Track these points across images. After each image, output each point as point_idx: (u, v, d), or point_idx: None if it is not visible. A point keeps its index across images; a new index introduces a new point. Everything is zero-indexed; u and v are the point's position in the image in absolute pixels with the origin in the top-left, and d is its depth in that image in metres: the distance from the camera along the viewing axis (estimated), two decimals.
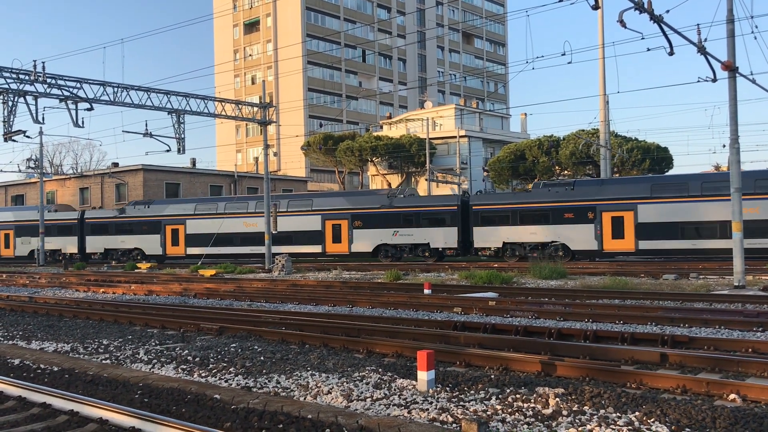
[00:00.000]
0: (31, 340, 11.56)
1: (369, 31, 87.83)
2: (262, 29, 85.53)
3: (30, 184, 61.15)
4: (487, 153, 60.66)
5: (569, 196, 32.53)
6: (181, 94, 30.04)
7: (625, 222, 31.05)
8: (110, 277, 29.11)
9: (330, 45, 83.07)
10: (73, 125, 26.83)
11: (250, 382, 7.74)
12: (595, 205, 31.81)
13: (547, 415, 6.01)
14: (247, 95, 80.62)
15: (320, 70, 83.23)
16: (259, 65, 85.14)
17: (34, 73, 25.35)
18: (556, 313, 12.87)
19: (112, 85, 27.60)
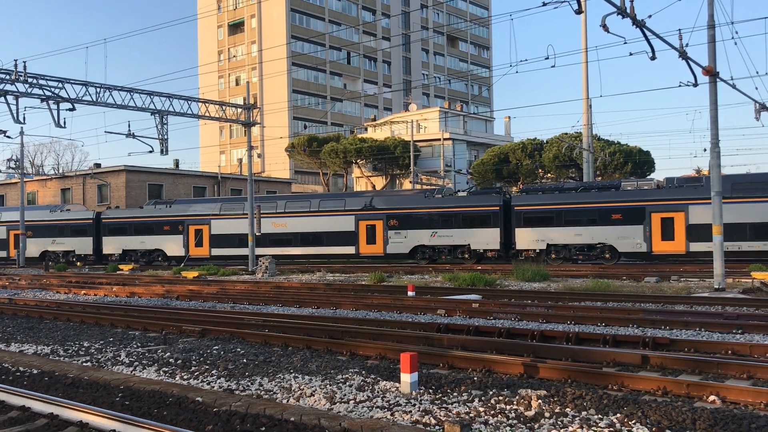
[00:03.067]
0: (11, 342, 11.43)
1: (354, 33, 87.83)
2: (246, 30, 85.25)
3: (10, 184, 60.46)
4: (471, 156, 60.87)
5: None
6: (165, 95, 29.86)
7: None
8: (91, 278, 28.84)
9: (314, 47, 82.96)
10: (54, 125, 26.59)
11: (232, 385, 7.70)
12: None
13: (530, 417, 6.03)
14: (231, 96, 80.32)
15: (305, 71, 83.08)
16: (243, 66, 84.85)
17: (15, 72, 25.08)
18: (539, 315, 12.93)
19: (94, 86, 27.38)
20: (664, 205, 30.92)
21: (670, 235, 30.64)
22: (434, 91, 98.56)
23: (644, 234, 31.06)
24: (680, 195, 30.75)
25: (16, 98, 25.67)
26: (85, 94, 27.07)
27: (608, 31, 15.67)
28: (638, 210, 31.31)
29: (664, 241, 30.81)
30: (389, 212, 36.30)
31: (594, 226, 32.09)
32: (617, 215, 31.60)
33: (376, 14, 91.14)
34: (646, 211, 31.14)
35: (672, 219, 30.66)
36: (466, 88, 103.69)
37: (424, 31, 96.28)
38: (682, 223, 30.32)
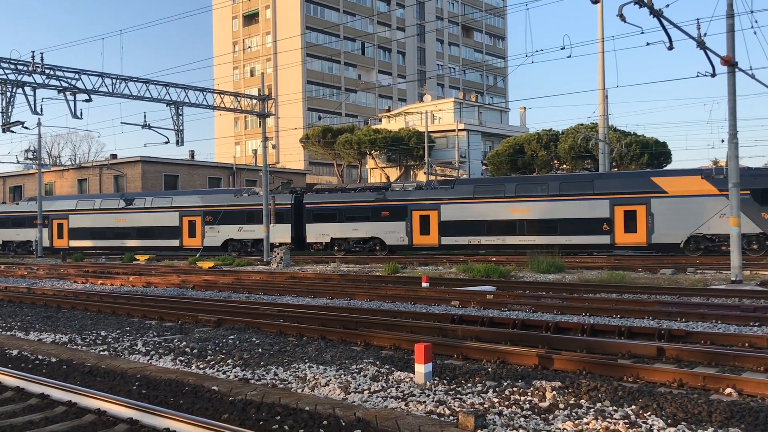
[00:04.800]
0: (30, 331, 11.57)
1: (368, 24, 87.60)
2: (261, 21, 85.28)
3: (28, 175, 61.06)
4: (486, 146, 60.65)
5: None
6: (180, 86, 29.97)
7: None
8: (108, 268, 29.10)
9: (329, 37, 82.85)
10: (71, 116, 26.75)
11: (247, 374, 7.75)
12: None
13: (544, 408, 6.03)
14: (246, 87, 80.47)
15: (319, 62, 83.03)
16: (258, 57, 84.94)
17: (32, 63, 25.26)
18: (553, 306, 12.90)
19: (110, 77, 27.52)
20: (422, 204, 34.97)
21: (427, 230, 34.72)
22: (449, 81, 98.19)
23: (406, 229, 35.18)
24: (435, 195, 34.83)
25: (33, 89, 25.85)
26: (101, 85, 27.23)
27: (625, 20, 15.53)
28: (402, 208, 35.38)
29: (422, 235, 34.91)
30: (206, 209, 40.34)
31: (368, 222, 36.15)
32: (386, 213, 35.76)
33: (390, 4, 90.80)
34: (408, 210, 35.21)
35: (428, 216, 34.69)
36: (481, 78, 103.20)
37: (438, 21, 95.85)
38: (436, 219, 34.36)
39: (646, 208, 30.42)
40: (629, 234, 30.91)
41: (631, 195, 30.78)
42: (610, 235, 31.12)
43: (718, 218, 28.80)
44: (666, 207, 30.00)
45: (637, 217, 30.56)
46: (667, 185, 30.28)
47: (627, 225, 30.83)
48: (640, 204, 30.53)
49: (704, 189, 29.34)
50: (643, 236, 30.49)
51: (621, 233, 31.00)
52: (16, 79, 25.31)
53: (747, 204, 27.86)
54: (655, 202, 30.22)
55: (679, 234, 29.87)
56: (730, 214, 18.96)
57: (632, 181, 31.30)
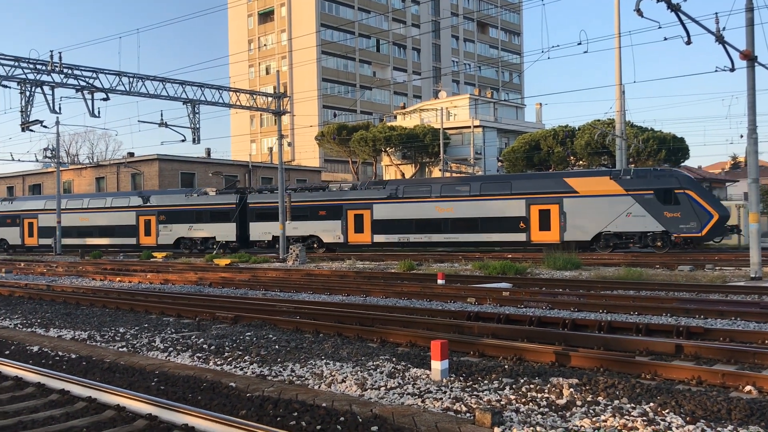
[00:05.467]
0: (49, 327, 11.70)
1: (383, 21, 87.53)
2: (276, 19, 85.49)
3: (47, 173, 61.67)
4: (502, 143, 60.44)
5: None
6: (196, 84, 30.12)
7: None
8: (126, 266, 29.35)
9: (344, 35, 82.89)
10: (89, 115, 26.98)
11: (265, 371, 7.79)
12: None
13: (561, 405, 6.01)
14: (262, 85, 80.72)
15: (334, 60, 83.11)
16: (273, 55, 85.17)
17: (51, 63, 25.50)
18: (570, 303, 12.84)
19: (127, 75, 27.72)
20: (356, 204, 36.48)
21: (361, 228, 36.18)
22: (464, 78, 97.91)
23: (342, 227, 36.68)
24: (368, 196, 36.39)
25: (52, 88, 26.08)
26: (118, 84, 27.43)
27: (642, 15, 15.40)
28: (338, 208, 36.90)
29: (357, 233, 36.37)
30: (159, 209, 42.22)
31: (306, 221, 37.71)
32: (323, 212, 37.35)
33: (405, 1, 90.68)
34: (344, 209, 36.73)
35: (362, 215, 36.19)
36: (497, 74, 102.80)
37: (454, 18, 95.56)
38: (369, 219, 35.93)
39: (558, 207, 31.96)
40: (544, 232, 32.50)
41: (546, 195, 32.36)
42: (526, 233, 32.77)
43: (625, 216, 30.30)
44: (577, 206, 31.45)
45: (551, 216, 32.15)
46: (578, 185, 31.78)
47: (542, 223, 32.41)
48: (553, 203, 32.11)
49: (612, 189, 30.74)
50: (557, 234, 32.05)
51: (536, 231, 32.62)
52: (35, 79, 25.56)
53: (650, 203, 29.81)
54: (567, 201, 31.69)
55: (589, 232, 31.28)
56: (747, 209, 18.78)
57: (546, 182, 33.01)
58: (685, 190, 29.75)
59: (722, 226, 29.84)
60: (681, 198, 29.65)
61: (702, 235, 29.46)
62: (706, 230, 29.21)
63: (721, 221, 29.51)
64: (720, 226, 29.65)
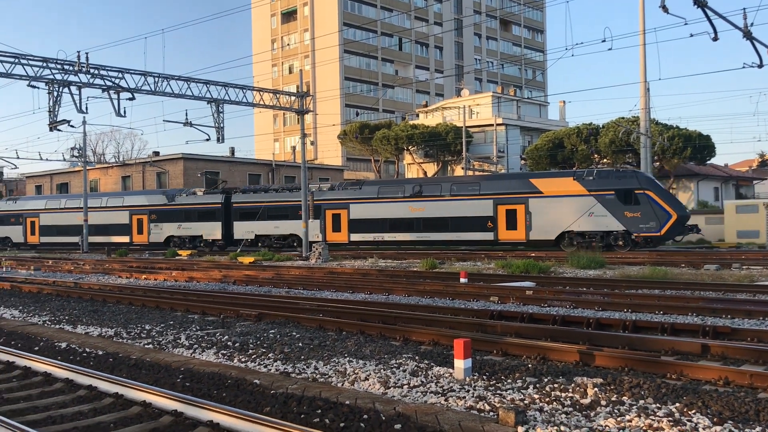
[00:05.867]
0: (77, 324, 11.88)
1: (405, 19, 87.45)
2: (299, 18, 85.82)
3: (74, 172, 62.56)
4: (525, 141, 60.10)
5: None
6: (220, 84, 30.35)
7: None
8: (152, 263, 29.68)
9: (366, 33, 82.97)
10: (115, 115, 27.33)
11: (288, 368, 7.84)
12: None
13: (586, 404, 5.97)
14: (285, 84, 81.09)
15: (357, 58, 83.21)
16: (296, 54, 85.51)
17: (78, 63, 25.86)
18: (594, 302, 12.74)
19: (153, 75, 28.02)
20: (334, 204, 37.53)
21: (338, 227, 37.43)
22: (487, 76, 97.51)
23: (320, 227, 37.74)
24: (345, 196, 37.67)
25: (79, 88, 26.45)
26: (144, 84, 27.74)
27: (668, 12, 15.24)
28: (316, 207, 37.72)
29: (334, 232, 37.52)
30: (151, 208, 44.05)
31: (287, 220, 38.83)
32: (302, 212, 37.08)
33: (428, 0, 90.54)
34: (322, 209, 37.82)
35: (340, 215, 37.48)
36: (520, 72, 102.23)
37: (476, 16, 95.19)
38: (346, 218, 37.22)
39: (524, 207, 32.78)
40: (510, 231, 33.27)
41: (512, 195, 33.20)
42: (493, 232, 33.58)
43: (587, 216, 31.09)
44: (542, 206, 32.27)
45: (517, 216, 32.98)
46: (543, 186, 32.61)
47: (508, 223, 33.21)
48: (519, 203, 32.94)
49: (575, 189, 31.52)
50: (523, 233, 32.86)
51: (503, 230, 33.43)
52: (63, 79, 25.94)
53: (611, 203, 30.60)
54: (532, 201, 32.54)
55: (553, 231, 31.98)
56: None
57: (513, 183, 33.95)
58: (645, 191, 30.29)
59: (681, 226, 30.24)
60: (641, 198, 30.20)
61: (661, 235, 29.93)
62: (665, 230, 29.73)
63: (680, 221, 29.94)
64: (679, 226, 30.07)
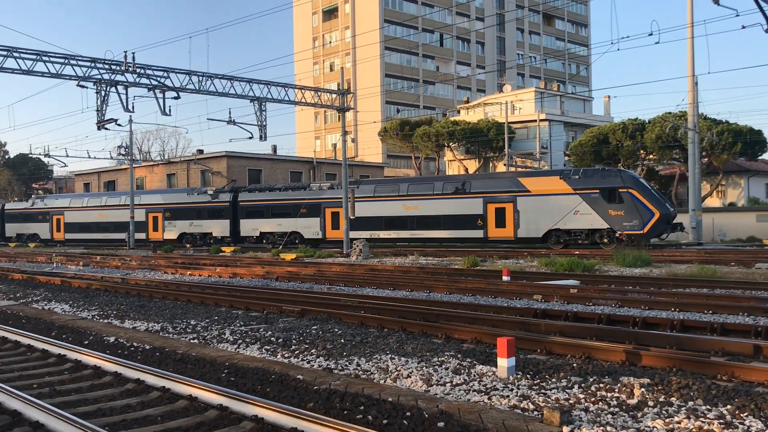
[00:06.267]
0: (125, 319, 12.14)
1: (447, 15, 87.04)
2: (340, 16, 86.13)
3: (121, 170, 63.92)
4: (569, 137, 59.29)
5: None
6: (263, 82, 30.65)
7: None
8: (196, 260, 30.16)
9: (407, 30, 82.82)
10: (160, 113, 27.85)
11: (331, 364, 7.88)
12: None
13: (632, 405, 5.86)
14: (326, 82, 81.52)
15: (397, 55, 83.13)
16: (337, 52, 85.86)
17: (124, 63, 26.41)
18: (640, 301, 12.50)
19: (197, 74, 28.45)
20: (333, 202, 38.86)
21: (337, 225, 38.14)
22: (529, 71, 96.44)
23: (320, 224, 39.51)
24: (343, 194, 37.45)
25: (125, 88, 27.04)
26: (188, 83, 28.19)
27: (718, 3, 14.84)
28: (316, 206, 39.63)
29: (333, 229, 38.74)
30: (165, 206, 46.35)
31: (289, 218, 40.51)
32: (304, 210, 39.97)
33: None
34: (322, 207, 39.50)
35: (338, 213, 37.93)
36: (563, 67, 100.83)
37: (519, 10, 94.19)
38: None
39: (513, 205, 33.51)
40: (499, 229, 34.02)
41: (501, 194, 33.95)
42: (483, 230, 34.38)
43: (573, 214, 31.62)
44: (529, 204, 32.95)
45: (506, 214, 33.73)
46: (530, 185, 33.30)
47: (497, 221, 33.97)
48: (508, 202, 33.67)
49: (561, 188, 32.15)
50: (511, 231, 33.57)
51: (493, 228, 34.23)
52: (110, 79, 26.53)
53: (597, 202, 31.18)
54: (520, 200, 33.26)
55: (540, 229, 32.65)
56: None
57: (502, 182, 34.71)
58: (629, 189, 30.67)
59: (664, 224, 30.59)
60: (624, 197, 30.62)
61: (644, 233, 30.18)
62: (647, 228, 30.12)
63: (663, 219, 30.21)
64: (661, 224, 30.39)
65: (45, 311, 13.56)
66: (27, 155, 72.41)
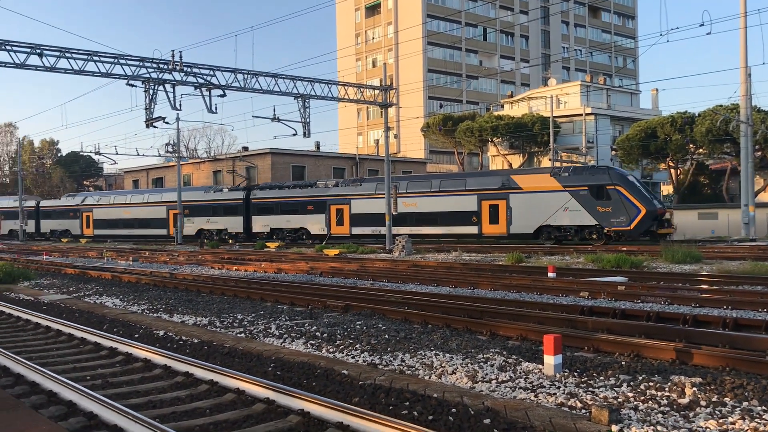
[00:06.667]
0: (173, 313, 12.38)
1: (490, 9, 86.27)
2: (383, 12, 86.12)
3: (168, 167, 65.17)
4: (615, 131, 58.20)
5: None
6: (307, 79, 30.85)
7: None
8: (242, 255, 30.58)
9: (450, 24, 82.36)
10: (207, 111, 28.27)
11: (375, 359, 7.90)
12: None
13: (684, 404, 5.73)
14: (368, 78, 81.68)
15: (440, 50, 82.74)
16: (380, 48, 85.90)
17: (172, 62, 26.90)
18: (690, 299, 12.21)
19: (242, 72, 28.80)
20: (337, 199, 40.24)
21: (341, 221, 39.89)
22: (575, 64, 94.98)
23: (326, 221, 40.69)
24: (347, 192, 40.17)
25: (173, 86, 27.52)
26: (234, 81, 28.55)
27: None
28: (322, 202, 40.89)
29: (338, 226, 40.15)
30: (184, 203, 47.20)
31: (297, 215, 42.13)
32: (310, 207, 41.44)
33: None
34: (327, 204, 40.65)
35: (342, 209, 39.99)
36: (610, 60, 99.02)
37: (564, 3, 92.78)
38: (348, 212, 39.84)
39: (506, 202, 34.34)
40: (493, 225, 34.83)
41: (495, 191, 34.76)
42: (478, 226, 35.25)
43: (563, 211, 32.28)
44: (521, 201, 33.78)
45: (499, 210, 34.54)
46: (522, 182, 34.05)
47: (491, 217, 34.82)
48: (501, 199, 34.51)
49: (552, 185, 32.82)
50: (504, 227, 34.42)
51: (487, 224, 35.04)
52: (158, 78, 27.04)
53: (584, 199, 31.81)
54: (513, 197, 34.09)
55: (532, 225, 33.44)
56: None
57: (495, 179, 35.30)
58: (616, 186, 31.20)
59: (651, 221, 30.93)
60: (612, 194, 31.21)
61: (631, 229, 30.85)
62: (634, 224, 30.72)
63: (649, 216, 30.64)
64: (648, 221, 30.80)
65: (97, 305, 13.93)
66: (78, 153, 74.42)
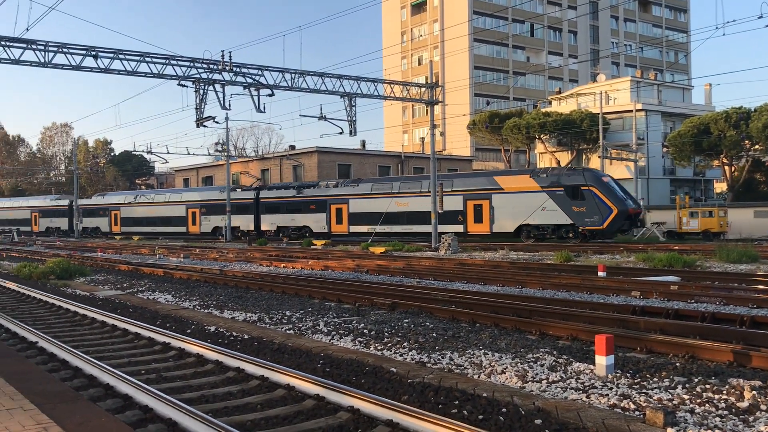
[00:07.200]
0: (224, 309, 12.59)
1: (538, 4, 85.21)
2: (429, 9, 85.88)
3: (218, 166, 66.27)
4: (667, 127, 56.84)
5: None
6: (353, 78, 30.97)
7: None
8: (289, 253, 30.90)
9: (497, 21, 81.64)
10: (255, 110, 28.63)
11: (423, 358, 7.89)
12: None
13: (743, 408, 5.57)
14: (414, 76, 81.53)
15: (487, 47, 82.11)
16: (425, 46, 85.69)
17: (221, 62, 27.32)
18: (747, 299, 11.86)
19: (290, 72, 29.08)
20: (337, 199, 42.26)
21: (341, 220, 41.78)
22: (624, 59, 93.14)
23: (326, 219, 42.78)
24: (345, 192, 42.04)
25: (222, 86, 27.96)
26: (281, 80, 28.85)
27: None
28: (323, 202, 42.97)
29: (337, 224, 42.08)
30: (201, 203, 50.89)
31: (301, 214, 44.48)
32: (313, 206, 43.56)
33: None
34: (327, 203, 42.73)
35: (341, 209, 41.87)
36: (661, 55, 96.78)
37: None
38: (346, 212, 41.72)
39: (489, 202, 35.83)
40: (477, 224, 36.28)
41: (479, 191, 36.34)
42: (463, 225, 36.76)
43: (541, 210, 33.65)
44: (503, 201, 35.30)
45: (483, 210, 36.06)
46: (504, 183, 35.59)
47: (476, 216, 36.33)
48: (484, 199, 36.05)
49: (531, 186, 34.25)
50: (487, 226, 35.87)
51: (472, 223, 36.64)
52: (208, 78, 27.50)
53: (561, 199, 33.09)
54: (495, 197, 35.61)
55: (512, 224, 34.92)
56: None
57: (479, 180, 37.11)
58: (590, 187, 32.30)
59: (623, 220, 31.95)
60: (586, 194, 32.33)
61: (603, 228, 32.00)
62: (606, 223, 31.81)
63: (621, 215, 31.62)
64: (620, 220, 31.84)
65: (149, 301, 14.25)
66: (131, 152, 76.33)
